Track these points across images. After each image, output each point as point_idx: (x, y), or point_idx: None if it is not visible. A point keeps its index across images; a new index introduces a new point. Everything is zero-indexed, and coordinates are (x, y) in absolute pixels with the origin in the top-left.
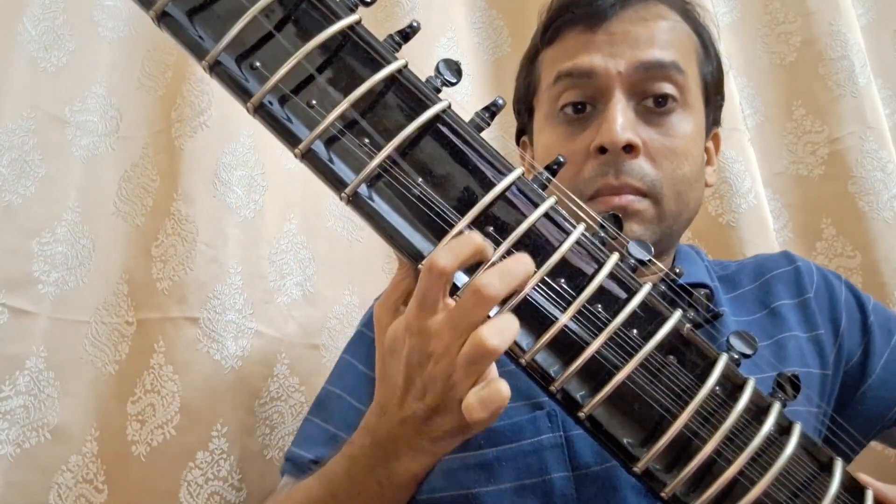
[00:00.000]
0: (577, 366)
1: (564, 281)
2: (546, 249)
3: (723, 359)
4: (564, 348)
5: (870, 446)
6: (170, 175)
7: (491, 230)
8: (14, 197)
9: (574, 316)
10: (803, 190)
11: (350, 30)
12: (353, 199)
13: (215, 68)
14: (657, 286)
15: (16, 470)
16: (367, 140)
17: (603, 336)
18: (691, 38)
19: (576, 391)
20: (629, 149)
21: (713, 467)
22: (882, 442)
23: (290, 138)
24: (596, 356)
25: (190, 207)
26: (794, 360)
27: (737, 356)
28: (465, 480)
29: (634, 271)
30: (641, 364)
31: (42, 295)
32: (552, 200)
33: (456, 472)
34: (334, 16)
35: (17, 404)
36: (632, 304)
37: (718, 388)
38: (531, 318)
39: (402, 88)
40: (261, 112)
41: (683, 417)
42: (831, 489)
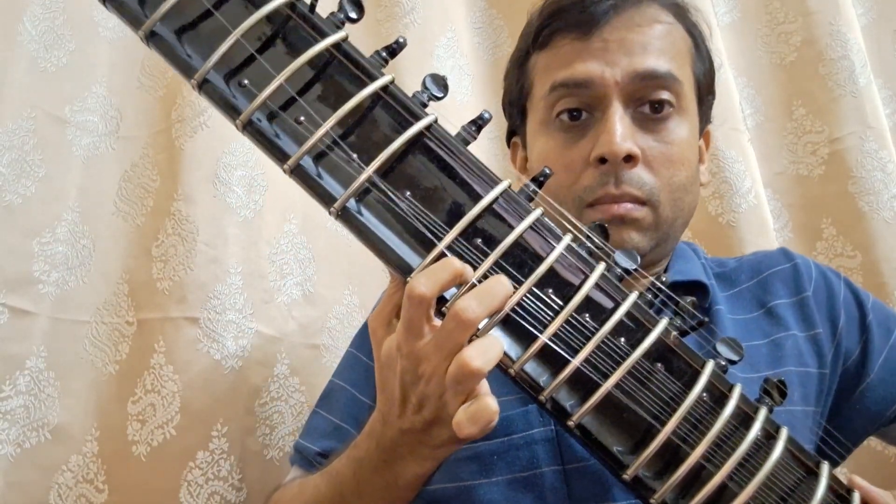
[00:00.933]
0: (566, 375)
1: (552, 291)
2: (533, 261)
3: (709, 365)
4: (553, 358)
5: (870, 446)
6: (170, 175)
7: (479, 242)
8: (14, 197)
9: (562, 326)
10: (803, 190)
11: (336, 47)
12: (342, 214)
13: (204, 86)
14: (644, 295)
15: (16, 470)
16: (355, 155)
17: (590, 345)
18: (685, 40)
19: (565, 400)
20: (629, 159)
21: (702, 473)
22: (879, 438)
23: (279, 154)
24: (584, 365)
25: (190, 207)
26: (792, 360)
27: (723, 363)
28: (460, 473)
29: (621, 280)
30: (629, 372)
31: (42, 295)
32: (538, 212)
33: (450, 465)
34: (321, 33)
35: (18, 404)
36: (619, 313)
37: (706, 395)
38: (519, 329)
39: (389, 104)
40: (249, 129)
41: (671, 424)
42: (818, 493)
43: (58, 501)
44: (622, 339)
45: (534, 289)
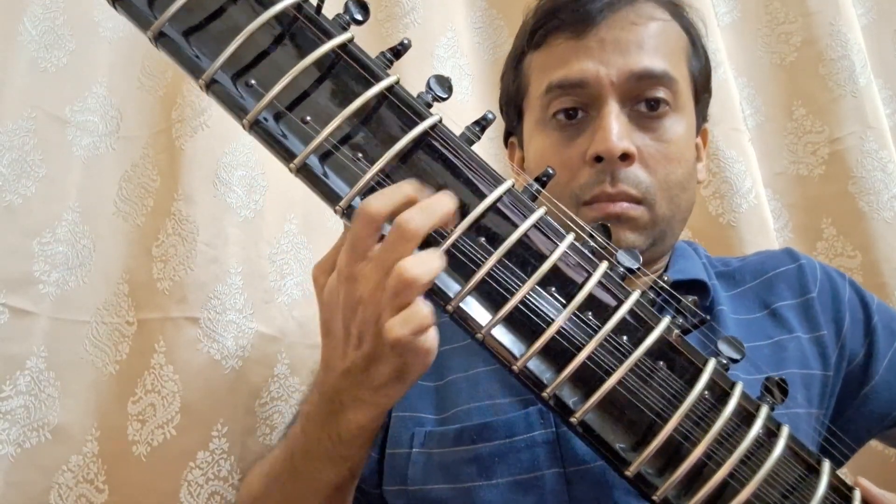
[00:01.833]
0: (569, 372)
1: (555, 289)
2: (537, 259)
3: (711, 363)
4: (556, 355)
5: (872, 446)
6: (170, 175)
7: (483, 241)
8: (14, 197)
9: (565, 323)
10: (804, 190)
11: (342, 48)
12: (348, 212)
13: (212, 86)
14: (646, 293)
15: (16, 470)
16: (361, 154)
17: (594, 342)
18: (681, 38)
19: (568, 397)
20: (625, 157)
21: (704, 470)
22: (882, 441)
23: (286, 153)
24: (587, 362)
25: (190, 207)
26: (795, 362)
27: (725, 361)
28: (461, 475)
29: (624, 279)
30: (632, 370)
31: (42, 295)
32: (542, 211)
33: (452, 467)
34: (327, 34)
35: (18, 404)
36: (621, 311)
37: (707, 393)
38: (523, 326)
39: (395, 104)
40: (256, 128)
41: (673, 421)
42: (819, 490)
43: (58, 501)
44: (625, 337)
45: (537, 287)
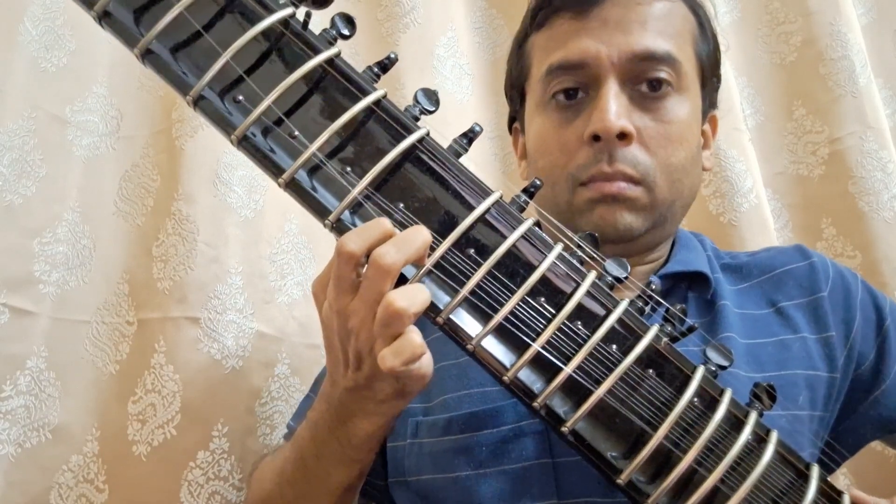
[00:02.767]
0: (559, 382)
1: (544, 300)
2: (525, 270)
3: (700, 371)
4: (546, 366)
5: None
6: (170, 175)
7: (471, 252)
8: (15, 197)
9: (554, 333)
10: (804, 190)
11: (329, 63)
12: (337, 226)
13: (199, 103)
14: (634, 302)
15: (17, 469)
16: (349, 168)
17: (583, 352)
18: (687, 19)
19: (559, 407)
20: (623, 136)
21: (694, 477)
22: (883, 443)
23: (274, 168)
24: (577, 372)
25: (191, 207)
26: (800, 363)
27: (714, 368)
28: (450, 465)
29: (612, 288)
30: (621, 378)
31: (43, 295)
32: (530, 222)
33: (441, 457)
34: (314, 49)
35: (18, 404)
36: (610, 321)
37: (697, 400)
38: (513, 337)
39: (382, 118)
40: (244, 144)
41: (664, 429)
42: (808, 495)
43: (58, 501)
44: (614, 346)
45: (526, 297)
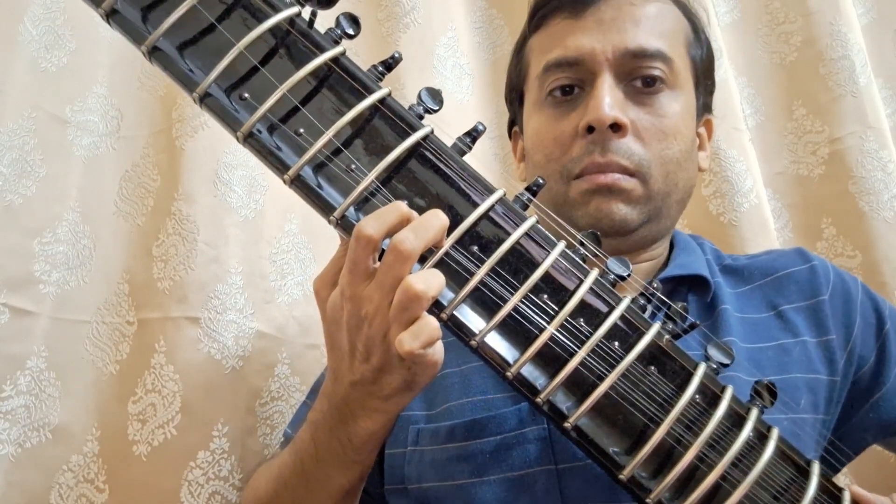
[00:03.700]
0: (562, 378)
1: (547, 296)
2: (528, 267)
3: (701, 368)
4: (549, 361)
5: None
6: (170, 175)
7: (475, 249)
8: (15, 197)
9: (557, 330)
10: (804, 190)
11: (335, 61)
12: (342, 222)
13: (205, 100)
14: (637, 299)
15: (17, 469)
16: (354, 165)
17: (585, 348)
18: (680, 22)
19: (562, 403)
20: (616, 128)
21: (696, 473)
22: (882, 447)
23: (279, 165)
24: (580, 368)
25: (191, 207)
26: (800, 366)
27: (715, 366)
28: (453, 472)
29: (614, 286)
30: (623, 375)
31: (43, 295)
32: (533, 220)
33: (443, 464)
34: (320, 48)
35: (19, 404)
36: (612, 317)
37: (698, 397)
38: (516, 333)
39: (387, 115)
40: (250, 141)
41: (665, 425)
42: (809, 491)
43: (58, 501)
44: (616, 343)
45: (529, 294)
